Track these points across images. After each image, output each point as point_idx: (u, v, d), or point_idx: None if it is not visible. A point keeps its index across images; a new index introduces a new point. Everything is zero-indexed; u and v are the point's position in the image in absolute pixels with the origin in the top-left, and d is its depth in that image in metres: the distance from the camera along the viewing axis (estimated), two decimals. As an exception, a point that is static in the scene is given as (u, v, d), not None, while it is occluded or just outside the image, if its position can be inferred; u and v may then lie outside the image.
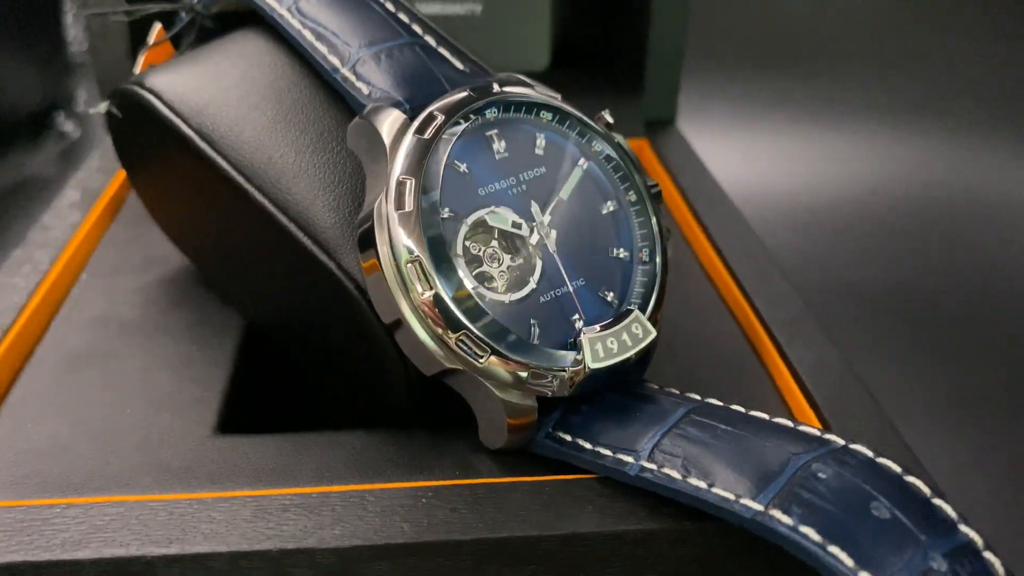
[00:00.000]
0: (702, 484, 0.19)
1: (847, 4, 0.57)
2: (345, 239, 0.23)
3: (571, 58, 0.47)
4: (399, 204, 0.21)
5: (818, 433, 0.20)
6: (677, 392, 0.23)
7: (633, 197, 0.24)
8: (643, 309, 0.23)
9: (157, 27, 0.30)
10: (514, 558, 0.20)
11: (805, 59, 0.57)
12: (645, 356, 0.23)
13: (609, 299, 0.23)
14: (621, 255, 0.24)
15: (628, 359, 0.22)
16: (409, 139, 0.21)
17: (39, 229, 0.33)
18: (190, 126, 0.25)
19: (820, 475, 0.19)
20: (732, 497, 0.19)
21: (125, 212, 0.35)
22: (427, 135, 0.22)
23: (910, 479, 0.19)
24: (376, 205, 0.21)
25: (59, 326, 0.28)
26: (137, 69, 0.29)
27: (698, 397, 0.22)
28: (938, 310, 0.49)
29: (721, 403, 0.22)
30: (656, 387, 0.23)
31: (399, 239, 0.20)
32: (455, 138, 0.22)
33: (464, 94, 0.22)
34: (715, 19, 0.58)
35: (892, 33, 0.57)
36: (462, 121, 0.22)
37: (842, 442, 0.20)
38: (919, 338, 0.47)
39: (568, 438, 0.22)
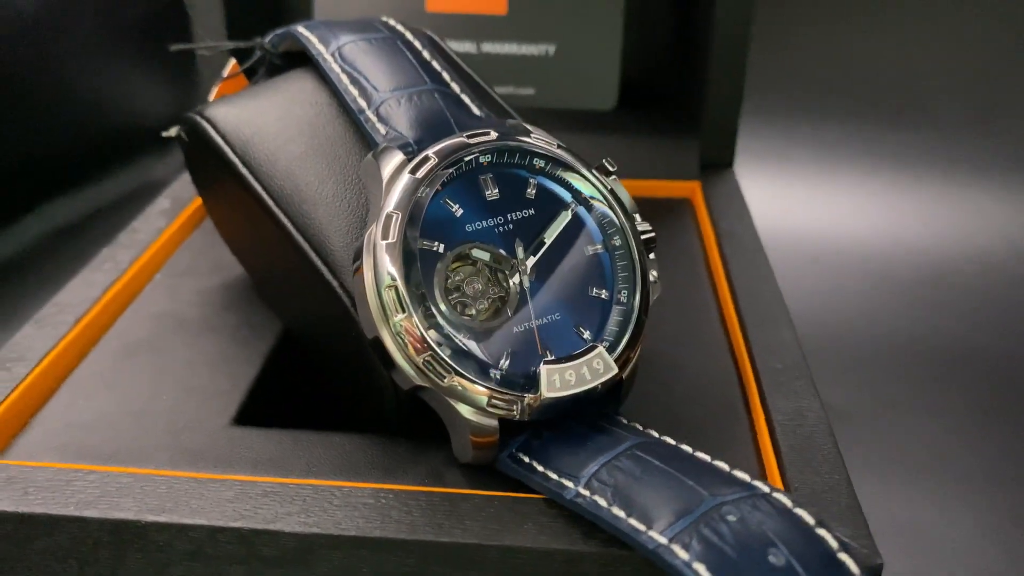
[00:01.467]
0: (621, 514, 0.21)
1: (940, 49, 0.56)
2: (350, 262, 0.26)
3: (638, 99, 0.49)
4: (385, 234, 0.23)
5: (747, 479, 0.21)
6: (639, 428, 0.24)
7: (618, 242, 0.26)
8: (614, 347, 0.25)
9: (232, 62, 0.34)
10: (455, 562, 0.22)
11: (891, 108, 0.56)
12: (615, 391, 0.25)
13: (584, 335, 0.25)
14: (601, 295, 0.25)
15: (588, 391, 0.24)
16: (404, 177, 0.24)
17: (128, 231, 0.37)
18: (236, 153, 0.28)
19: (729, 517, 0.20)
20: (642, 528, 0.20)
21: (207, 223, 0.39)
22: (419, 175, 0.24)
23: (821, 532, 0.20)
24: (367, 234, 0.24)
25: (125, 318, 0.32)
26: (210, 98, 0.33)
27: (655, 434, 0.24)
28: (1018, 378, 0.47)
29: (672, 442, 0.23)
30: (624, 421, 0.25)
31: (382, 266, 0.23)
32: (449, 179, 0.25)
33: (459, 140, 0.25)
34: (797, 64, 0.58)
35: (987, 84, 0.55)
36: (458, 164, 0.25)
37: (767, 489, 0.21)
38: (984, 402, 0.45)
39: (526, 460, 0.24)
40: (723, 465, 0.22)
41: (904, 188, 0.55)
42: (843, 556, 0.19)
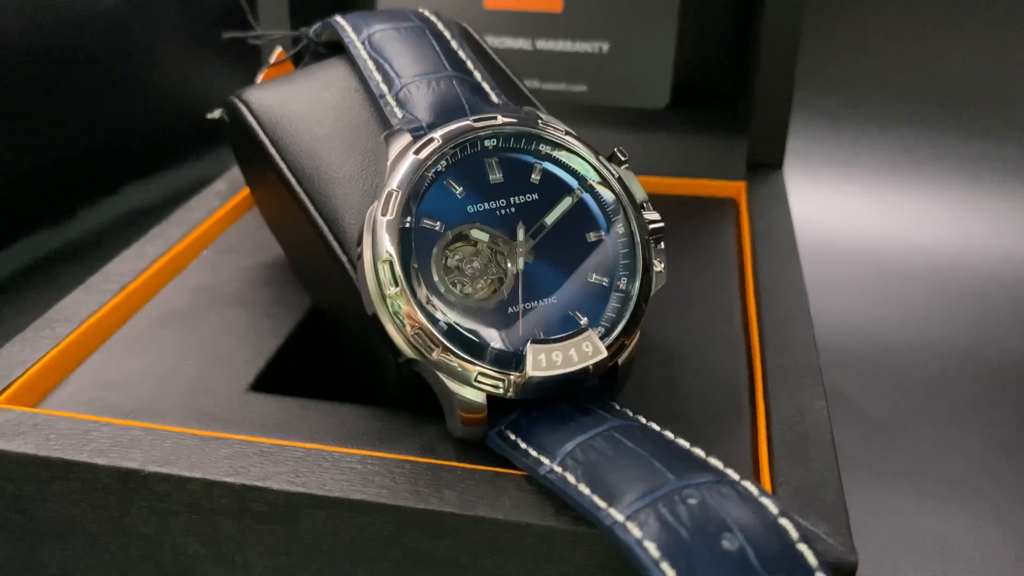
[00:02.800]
0: (586, 491, 0.21)
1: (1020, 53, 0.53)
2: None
3: (691, 98, 0.48)
4: (385, 211, 0.24)
5: (720, 466, 0.21)
6: (629, 413, 0.24)
7: (621, 229, 0.26)
8: (609, 332, 0.25)
9: (278, 50, 0.35)
10: (430, 529, 0.23)
11: (964, 114, 0.54)
12: (611, 376, 0.25)
13: (580, 320, 0.25)
14: (602, 282, 0.26)
15: (577, 373, 0.24)
16: (408, 158, 0.25)
17: (184, 210, 0.39)
18: (266, 133, 0.30)
19: (690, 500, 0.20)
20: (604, 505, 0.20)
21: (259, 204, 0.41)
22: (422, 155, 0.25)
23: (783, 521, 0.20)
24: (370, 211, 0.25)
25: (168, 289, 0.34)
26: (257, 82, 0.34)
27: (642, 420, 0.24)
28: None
29: (656, 428, 0.23)
30: (617, 407, 0.25)
31: (380, 241, 0.24)
32: (454, 161, 0.25)
33: (465, 123, 0.26)
34: (869, 67, 0.56)
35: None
36: (463, 147, 0.25)
37: (736, 477, 0.21)
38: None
39: (512, 437, 0.24)
40: (699, 452, 0.22)
41: (972, 198, 0.53)
42: (802, 547, 0.19)
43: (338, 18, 0.32)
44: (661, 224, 0.27)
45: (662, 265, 0.27)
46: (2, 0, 0.41)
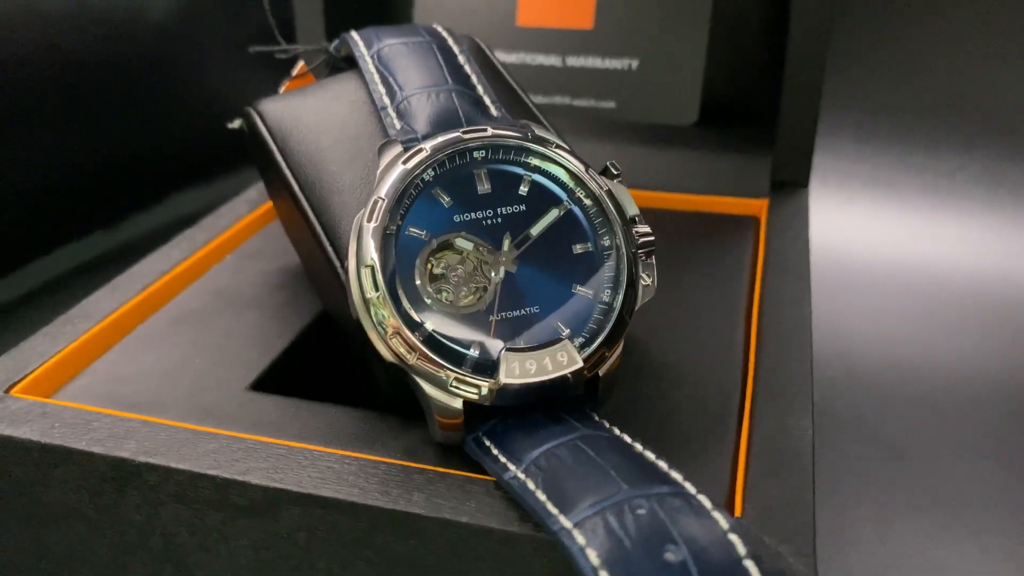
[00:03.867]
0: (543, 497, 0.21)
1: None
2: None
3: (720, 115, 0.48)
4: (370, 218, 0.25)
5: (679, 479, 0.21)
6: (605, 424, 0.25)
7: (607, 242, 0.26)
8: (588, 343, 0.25)
9: (300, 63, 0.36)
10: (399, 530, 0.23)
11: (1008, 136, 0.52)
12: (592, 387, 0.25)
13: (561, 330, 0.25)
14: (585, 293, 0.26)
15: (554, 382, 0.24)
16: (396, 167, 0.26)
17: (213, 216, 0.41)
18: (275, 142, 0.31)
19: (639, 511, 0.20)
20: (555, 512, 0.20)
21: (287, 212, 0.43)
22: (409, 165, 0.26)
23: (732, 537, 0.19)
24: (356, 218, 0.25)
25: (188, 291, 0.36)
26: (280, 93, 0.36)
27: (616, 431, 0.24)
28: None
29: (628, 440, 0.24)
30: (596, 418, 0.25)
31: (364, 247, 0.25)
32: (442, 171, 0.26)
33: (455, 135, 0.26)
34: (911, 87, 0.55)
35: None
36: (452, 157, 0.26)
37: (692, 490, 0.21)
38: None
39: (487, 443, 0.24)
40: (663, 464, 0.22)
41: (1019, 223, 0.51)
42: (748, 563, 0.19)
43: (353, 33, 0.33)
44: (651, 239, 0.27)
45: (650, 279, 0.27)
46: (55, 14, 0.44)
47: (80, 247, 0.53)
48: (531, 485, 0.22)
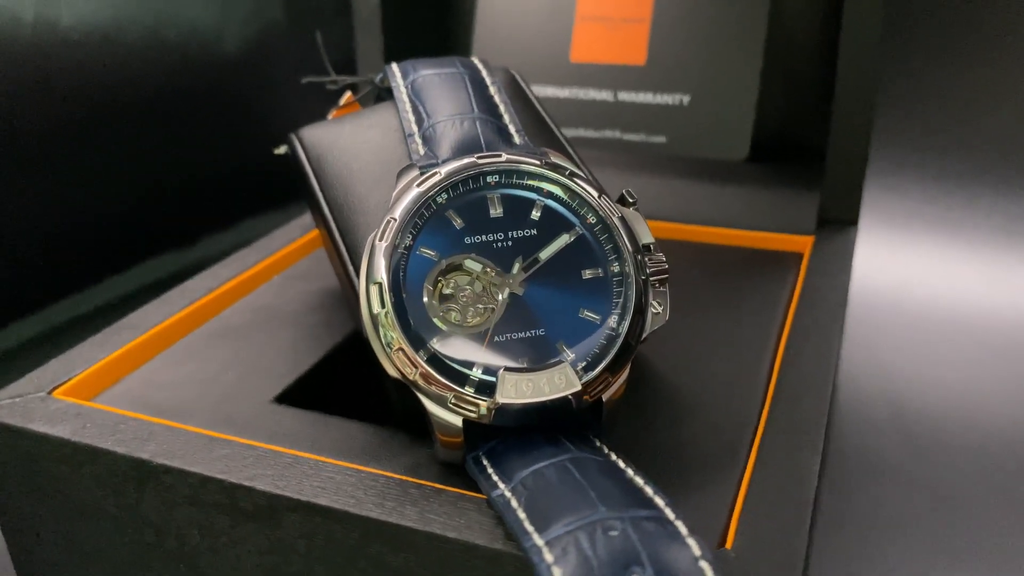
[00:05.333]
0: (523, 516, 0.21)
1: None
2: None
3: (771, 151, 0.48)
4: (381, 237, 0.26)
5: (661, 504, 0.21)
6: (604, 449, 0.25)
7: (616, 268, 0.26)
8: (591, 368, 0.25)
9: (347, 93, 0.38)
10: (391, 542, 0.24)
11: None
12: (596, 411, 0.25)
13: (566, 353, 0.25)
14: (592, 318, 0.26)
15: (552, 404, 0.24)
16: (411, 190, 0.27)
17: (266, 239, 0.43)
18: (311, 166, 0.32)
19: (611, 532, 0.20)
20: (531, 530, 0.21)
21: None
22: (424, 188, 0.26)
23: (703, 564, 0.19)
24: (371, 236, 0.26)
25: (233, 308, 0.37)
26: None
27: (612, 456, 0.24)
28: None
29: (621, 464, 0.23)
30: (596, 443, 0.25)
31: (374, 265, 0.25)
32: (456, 195, 0.27)
33: (469, 160, 0.27)
34: (975, 126, 0.53)
35: None
36: (465, 181, 0.27)
37: (671, 516, 0.21)
38: None
39: (484, 462, 0.25)
40: (649, 490, 0.22)
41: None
42: (714, 591, 0.19)
43: (393, 65, 0.34)
44: (664, 267, 0.27)
45: (661, 307, 0.27)
46: (134, 46, 0.47)
47: (154, 265, 0.56)
48: (514, 503, 0.22)
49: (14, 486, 0.29)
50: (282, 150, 0.36)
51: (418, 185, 0.27)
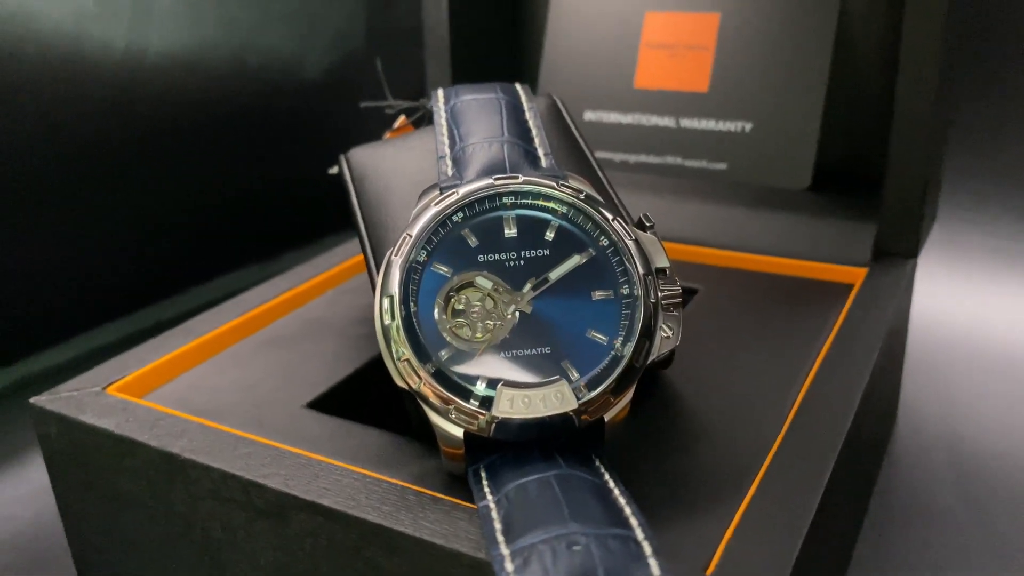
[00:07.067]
0: (498, 527, 0.22)
1: None
2: None
3: (832, 180, 0.46)
4: (397, 252, 0.27)
5: (634, 523, 0.21)
6: (601, 469, 0.25)
7: (626, 291, 0.27)
8: (592, 387, 0.25)
9: (401, 117, 0.40)
10: (385, 546, 0.25)
11: None
12: (596, 429, 0.26)
13: (570, 372, 0.26)
14: (599, 339, 0.26)
15: (552, 420, 0.25)
16: (429, 208, 0.28)
17: (327, 255, 0.45)
18: (353, 184, 0.34)
19: (574, 547, 0.20)
20: (500, 541, 0.21)
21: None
22: (441, 207, 0.27)
23: (660, 584, 0.19)
24: (388, 252, 0.27)
25: (286, 319, 0.39)
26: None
27: (606, 476, 0.24)
28: None
29: (611, 485, 0.24)
30: (596, 462, 0.25)
31: (388, 279, 0.27)
32: (472, 214, 0.28)
33: (487, 181, 0.28)
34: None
35: None
36: (481, 201, 0.28)
37: (640, 535, 0.21)
38: None
39: (482, 474, 0.25)
40: (628, 510, 0.22)
41: None
42: (666, 612, 0.19)
43: (438, 90, 0.36)
44: (677, 291, 0.27)
45: (672, 332, 0.27)
46: (215, 71, 0.50)
47: (238, 276, 0.59)
48: (494, 514, 0.22)
49: (69, 473, 0.32)
50: (335, 170, 0.38)
51: (436, 204, 0.28)
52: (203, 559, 0.29)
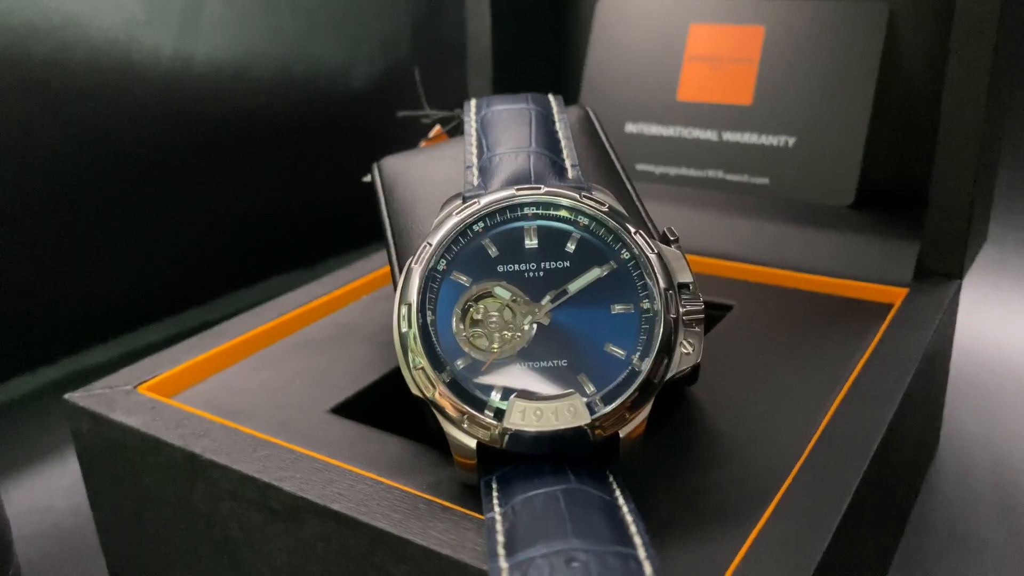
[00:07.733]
0: (500, 539, 0.22)
1: None
2: None
3: (877, 197, 0.45)
4: (417, 260, 0.27)
5: (638, 541, 0.21)
6: (613, 485, 0.25)
7: (646, 305, 0.26)
8: (607, 402, 0.25)
9: (437, 127, 0.40)
10: (394, 552, 0.25)
11: None
12: (611, 444, 0.25)
13: (587, 386, 0.26)
14: (617, 353, 0.26)
15: (564, 433, 0.24)
16: (450, 218, 0.28)
17: (364, 261, 0.45)
18: (384, 192, 0.34)
19: (573, 564, 0.20)
20: (501, 554, 0.21)
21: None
22: (462, 216, 0.27)
23: (658, 604, 0.19)
24: (408, 260, 0.28)
25: (319, 323, 0.40)
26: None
27: (617, 492, 0.24)
28: None
29: (620, 502, 0.23)
30: (609, 478, 0.25)
31: (407, 287, 0.27)
32: (493, 224, 0.28)
33: (508, 192, 0.28)
34: None
35: None
36: (502, 212, 0.28)
37: (642, 554, 0.20)
38: None
39: (493, 486, 0.25)
40: (633, 528, 0.22)
41: None
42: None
43: (471, 100, 0.36)
44: (700, 307, 0.27)
45: (692, 348, 0.27)
46: (263, 81, 0.51)
47: (282, 281, 0.60)
48: (498, 526, 0.22)
49: (99, 468, 0.33)
50: (368, 178, 0.38)
51: (457, 213, 0.28)
52: (222, 558, 0.30)
